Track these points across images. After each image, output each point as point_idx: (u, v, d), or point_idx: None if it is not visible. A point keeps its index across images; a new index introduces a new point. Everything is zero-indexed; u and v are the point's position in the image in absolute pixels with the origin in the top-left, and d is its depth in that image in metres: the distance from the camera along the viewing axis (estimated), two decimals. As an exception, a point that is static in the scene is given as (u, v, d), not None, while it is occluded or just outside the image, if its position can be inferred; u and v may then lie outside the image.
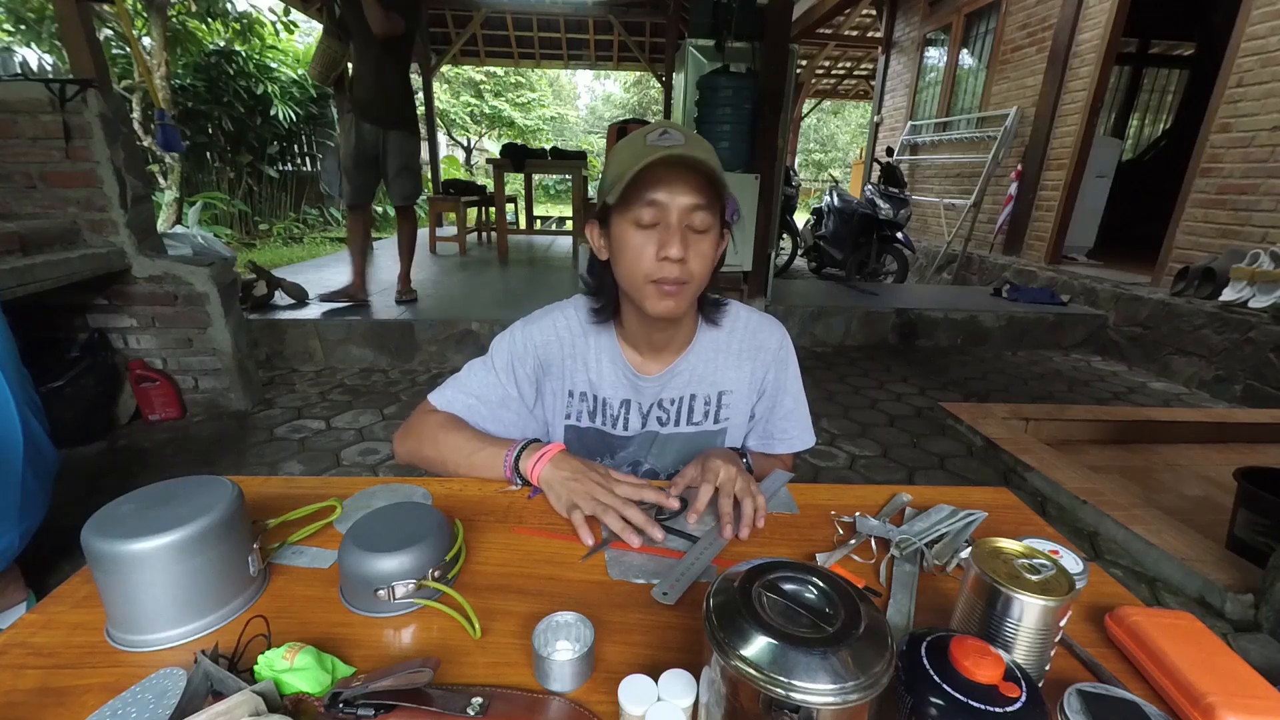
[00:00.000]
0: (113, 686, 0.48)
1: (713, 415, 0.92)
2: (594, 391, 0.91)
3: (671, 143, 0.73)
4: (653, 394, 0.91)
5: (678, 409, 0.92)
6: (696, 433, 0.93)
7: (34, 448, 1.26)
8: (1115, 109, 6.24)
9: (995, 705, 0.37)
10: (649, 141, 0.74)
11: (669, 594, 0.60)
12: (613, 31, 7.74)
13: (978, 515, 0.74)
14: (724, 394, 0.92)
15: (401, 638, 0.55)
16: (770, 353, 0.93)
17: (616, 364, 0.90)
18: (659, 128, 0.76)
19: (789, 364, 0.95)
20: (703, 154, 0.73)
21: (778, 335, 0.94)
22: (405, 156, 3.19)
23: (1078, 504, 1.87)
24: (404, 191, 3.26)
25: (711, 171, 0.73)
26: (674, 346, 0.90)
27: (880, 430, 2.61)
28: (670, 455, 0.94)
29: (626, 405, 0.91)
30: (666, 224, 0.75)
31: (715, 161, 0.75)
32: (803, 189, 14.96)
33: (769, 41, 3.27)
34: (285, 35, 7.50)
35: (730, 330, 0.92)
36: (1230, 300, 3.18)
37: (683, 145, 0.73)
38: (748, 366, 0.92)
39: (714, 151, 0.78)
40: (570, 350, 0.90)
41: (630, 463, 0.95)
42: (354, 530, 0.60)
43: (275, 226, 7.64)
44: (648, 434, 0.93)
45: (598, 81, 26.47)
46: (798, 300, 3.99)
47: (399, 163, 3.16)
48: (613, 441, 0.93)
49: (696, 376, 0.91)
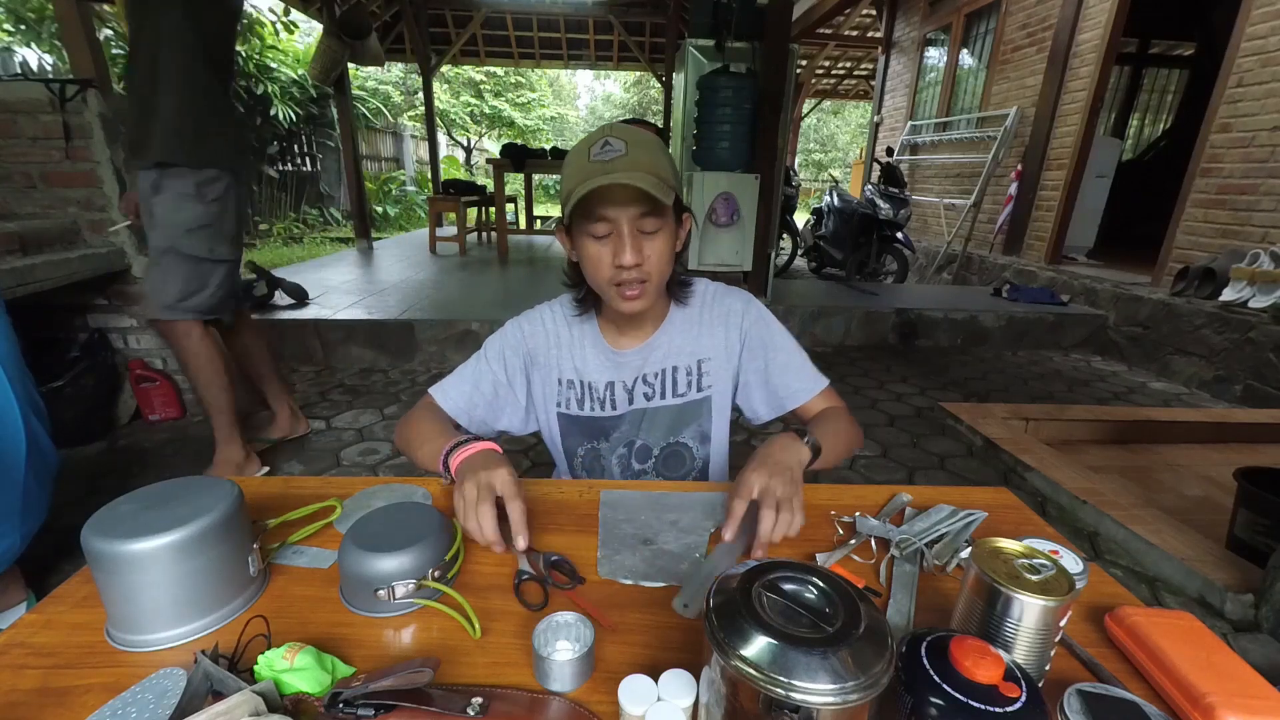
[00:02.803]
0: (113, 686, 0.48)
1: (695, 384, 0.95)
2: (580, 377, 0.96)
3: (612, 155, 0.75)
4: (634, 369, 0.95)
5: (661, 382, 0.95)
6: (684, 403, 0.96)
7: (36, 449, 1.26)
8: (1115, 109, 6.24)
9: (995, 705, 0.37)
10: (592, 156, 0.77)
11: (689, 606, 0.58)
12: (613, 31, 7.74)
13: (978, 515, 0.74)
14: (703, 361, 0.95)
15: (401, 638, 0.55)
16: (738, 314, 0.96)
17: (598, 347, 0.95)
18: (601, 137, 0.78)
19: (767, 322, 0.97)
20: (646, 160, 0.76)
21: (742, 298, 0.98)
22: (167, 224, 1.71)
23: (1078, 504, 1.87)
24: (164, 294, 1.75)
25: (654, 183, 0.75)
26: (649, 324, 0.95)
27: (880, 430, 2.61)
28: (660, 429, 0.96)
29: (611, 386, 0.95)
30: (618, 233, 0.79)
31: (661, 164, 0.78)
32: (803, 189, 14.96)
33: (769, 41, 3.27)
34: (285, 35, 7.50)
35: (701, 304, 0.97)
36: (1230, 300, 3.17)
37: (623, 156, 0.75)
38: (720, 332, 0.96)
39: (658, 148, 0.80)
40: (556, 340, 0.96)
41: (625, 442, 0.97)
42: (354, 530, 0.61)
43: (275, 226, 7.65)
44: (636, 411, 0.96)
45: (598, 81, 26.48)
46: (798, 300, 3.99)
47: (161, 237, 1.73)
48: (604, 424, 0.97)
49: (674, 348, 0.95)
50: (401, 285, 4.13)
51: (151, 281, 1.77)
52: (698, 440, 0.97)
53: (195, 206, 1.72)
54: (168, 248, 1.73)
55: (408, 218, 9.86)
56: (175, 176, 1.69)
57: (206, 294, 1.80)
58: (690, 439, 0.97)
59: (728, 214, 3.46)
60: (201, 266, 1.77)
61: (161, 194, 1.70)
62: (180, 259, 1.74)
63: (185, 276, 1.75)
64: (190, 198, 1.71)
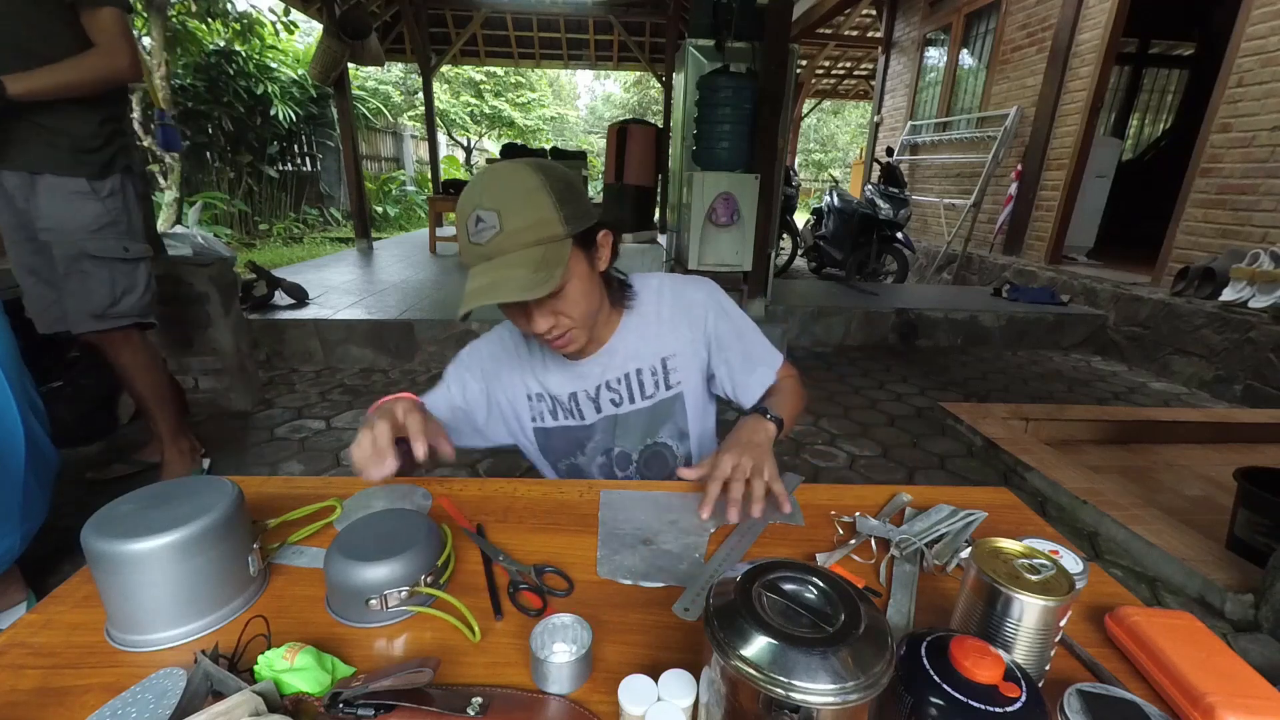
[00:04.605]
0: (113, 686, 0.48)
1: (662, 382, 0.94)
2: (546, 390, 0.94)
3: (487, 235, 0.71)
4: (596, 376, 0.93)
5: (627, 387, 0.93)
6: (654, 404, 0.94)
7: (35, 450, 1.26)
8: (1115, 109, 6.24)
9: (995, 705, 0.37)
10: (470, 235, 0.72)
11: (690, 610, 0.58)
12: (613, 31, 7.73)
13: (978, 515, 0.74)
14: (668, 359, 0.93)
15: (401, 639, 0.55)
16: (700, 307, 0.94)
17: (556, 359, 0.93)
18: (472, 210, 0.71)
19: (727, 313, 0.95)
20: (522, 227, 0.70)
21: (703, 288, 0.96)
22: (74, 229, 1.58)
23: (1078, 504, 1.87)
24: (91, 303, 1.64)
25: (530, 270, 0.70)
26: (602, 333, 0.92)
27: (880, 430, 2.61)
28: (636, 434, 0.95)
29: (575, 396, 0.94)
30: (520, 312, 0.78)
31: (541, 221, 0.71)
32: (803, 189, 14.97)
33: (769, 41, 3.27)
34: (285, 35, 7.49)
35: (658, 298, 0.94)
36: (1230, 300, 3.17)
37: (497, 234, 0.70)
38: (684, 325, 0.93)
39: (534, 193, 0.72)
40: (517, 356, 0.96)
41: (602, 450, 0.96)
42: (340, 542, 0.59)
43: (275, 226, 7.65)
44: (607, 418, 0.94)
45: (598, 81, 26.47)
46: (798, 300, 3.99)
47: (66, 244, 1.59)
48: (578, 434, 0.96)
49: (634, 351, 0.93)
50: (401, 285, 4.13)
51: (72, 293, 1.61)
52: (676, 438, 0.96)
53: (92, 205, 1.59)
54: (77, 254, 1.59)
55: (408, 218, 9.86)
56: (59, 176, 1.54)
57: (137, 295, 1.70)
58: (669, 438, 0.96)
59: (728, 214, 3.46)
60: (123, 267, 1.66)
61: (42, 196, 1.53)
62: (96, 263, 1.61)
63: (109, 280, 1.64)
64: (84, 196, 1.58)
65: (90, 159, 1.57)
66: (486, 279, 0.72)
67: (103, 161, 1.60)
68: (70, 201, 1.56)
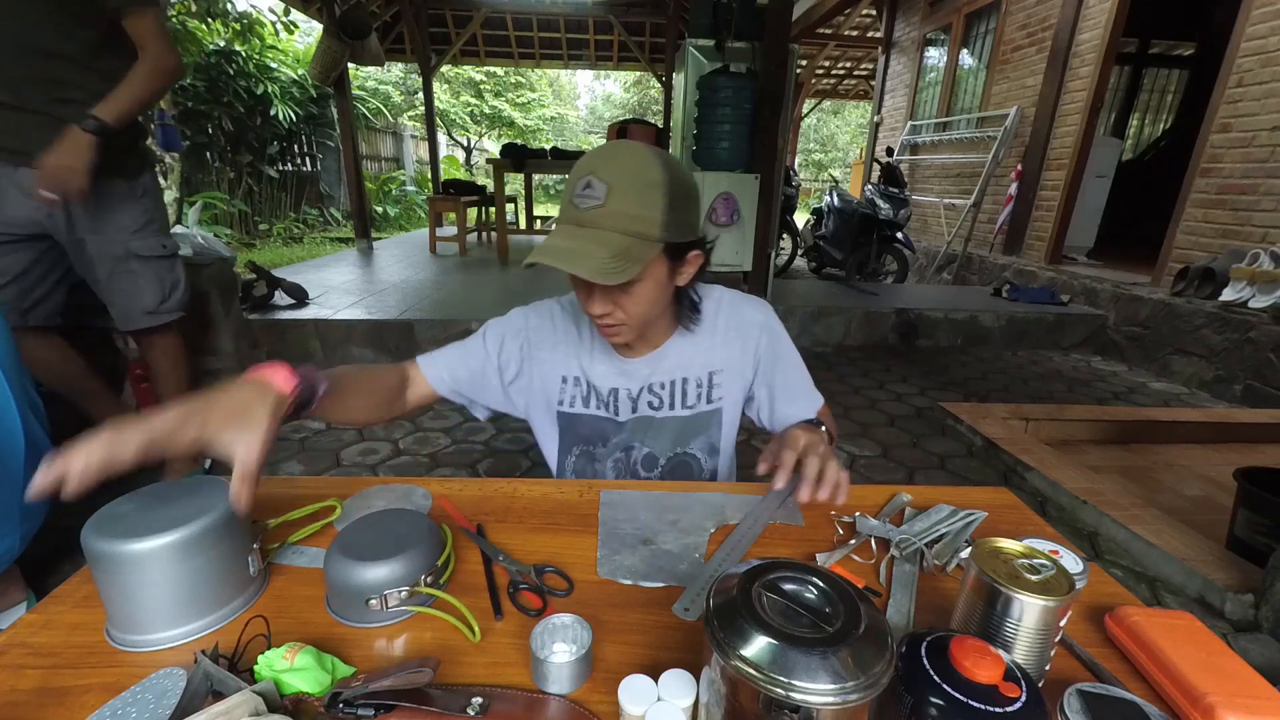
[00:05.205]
0: (113, 686, 0.48)
1: (705, 395, 0.93)
2: (587, 377, 0.93)
3: (590, 204, 0.71)
4: (642, 378, 0.91)
5: (670, 393, 0.92)
6: (693, 415, 0.93)
7: (35, 450, 1.26)
8: (1115, 109, 6.24)
9: (995, 705, 0.37)
10: (574, 195, 0.72)
11: (690, 610, 0.58)
12: (613, 31, 7.73)
13: (978, 515, 0.74)
14: (715, 373, 0.93)
15: (401, 639, 0.55)
16: (755, 328, 0.93)
17: (606, 352, 0.92)
18: (586, 173, 0.72)
19: (779, 339, 0.95)
20: (626, 209, 0.70)
21: (761, 310, 0.95)
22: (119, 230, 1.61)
23: (1078, 504, 1.86)
24: (145, 300, 1.69)
25: (615, 252, 0.69)
26: (658, 335, 0.91)
27: (880, 430, 2.61)
28: (667, 439, 0.94)
29: (615, 392, 0.92)
30: (584, 287, 0.77)
31: (646, 209, 0.71)
32: (803, 189, 14.96)
33: (769, 41, 3.27)
34: (285, 35, 7.48)
35: (716, 312, 0.94)
36: (1230, 300, 3.17)
37: (600, 207, 0.70)
38: (737, 343, 0.93)
39: (651, 186, 0.71)
40: (564, 335, 0.93)
41: (624, 447, 0.95)
42: (340, 542, 0.59)
43: (275, 226, 7.64)
44: (641, 419, 0.93)
45: (598, 81, 26.46)
46: (798, 300, 3.99)
47: (112, 244, 1.61)
48: (607, 428, 0.94)
49: (685, 359, 0.92)
50: (401, 285, 4.13)
51: (122, 291, 1.66)
52: (706, 452, 0.95)
53: (131, 205, 1.63)
54: (124, 254, 1.63)
55: (408, 218, 9.86)
56: (107, 177, 1.53)
57: (181, 289, 1.78)
58: (699, 450, 0.95)
59: (728, 214, 3.46)
60: (165, 263, 1.72)
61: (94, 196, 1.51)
62: (143, 262, 1.66)
63: (157, 277, 1.70)
64: (124, 197, 1.61)
65: (126, 160, 1.59)
66: (567, 244, 0.71)
67: (136, 161, 1.63)
68: (112, 203, 1.59)
